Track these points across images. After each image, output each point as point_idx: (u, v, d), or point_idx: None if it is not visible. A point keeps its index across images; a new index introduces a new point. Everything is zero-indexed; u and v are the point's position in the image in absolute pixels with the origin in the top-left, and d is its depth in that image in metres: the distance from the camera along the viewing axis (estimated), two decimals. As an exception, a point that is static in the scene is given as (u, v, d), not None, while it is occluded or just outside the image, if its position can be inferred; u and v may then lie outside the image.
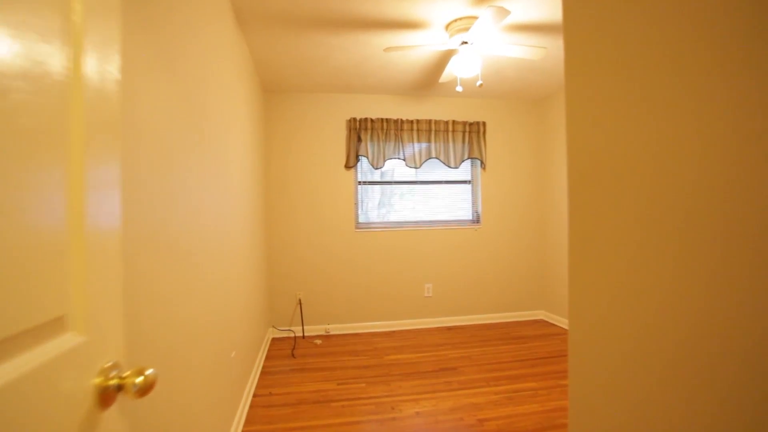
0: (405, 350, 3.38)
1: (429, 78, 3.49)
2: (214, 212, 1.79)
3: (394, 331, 3.94)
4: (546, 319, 4.23)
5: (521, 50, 2.53)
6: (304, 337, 3.79)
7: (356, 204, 4.00)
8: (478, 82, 2.45)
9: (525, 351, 3.30)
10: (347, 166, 3.91)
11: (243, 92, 2.61)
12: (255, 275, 2.99)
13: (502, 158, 4.23)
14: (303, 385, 2.71)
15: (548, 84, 3.73)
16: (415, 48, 2.46)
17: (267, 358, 3.26)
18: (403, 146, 3.96)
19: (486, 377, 2.80)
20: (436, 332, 3.88)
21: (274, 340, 3.74)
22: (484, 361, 3.09)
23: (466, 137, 4.09)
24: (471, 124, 4.08)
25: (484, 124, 4.12)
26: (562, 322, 3.97)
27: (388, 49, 2.44)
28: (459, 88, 2.54)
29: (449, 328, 4.00)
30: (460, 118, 4.13)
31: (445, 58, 3.02)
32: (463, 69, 2.49)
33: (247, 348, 2.56)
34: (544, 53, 2.54)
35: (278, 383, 2.76)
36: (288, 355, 3.32)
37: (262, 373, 2.94)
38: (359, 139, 3.89)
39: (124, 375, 0.60)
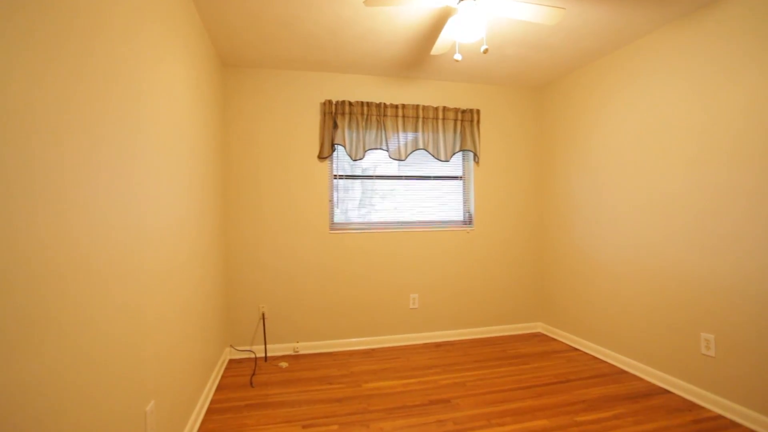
0: (387, 375, 2.85)
1: (418, 52, 2.97)
2: (121, 209, 1.22)
3: (374, 349, 3.40)
4: (545, 333, 3.78)
5: (534, 11, 2.04)
6: (266, 359, 3.19)
7: (331, 201, 3.44)
8: (483, 47, 1.94)
9: (528, 375, 2.82)
10: (321, 157, 3.34)
11: (180, 61, 2.01)
12: (204, 286, 2.40)
13: (498, 151, 3.76)
14: (259, 429, 2.14)
15: (553, 66, 3.27)
16: (404, 1, 1.93)
17: (219, 388, 2.67)
18: (386, 135, 3.42)
19: (486, 412, 2.30)
20: (424, 350, 3.37)
21: (231, 362, 3.14)
22: (482, 390, 2.59)
23: (458, 126, 3.59)
24: (464, 112, 3.59)
25: (478, 112, 3.63)
26: (563, 336, 3.52)
27: (369, 1, 1.90)
28: (458, 56, 2.02)
29: (438, 345, 3.49)
30: (451, 105, 3.63)
31: (438, 23, 2.50)
32: (464, 32, 1.98)
33: (183, 385, 1.96)
34: (562, 16, 2.05)
35: (227, 427, 2.17)
36: (245, 383, 2.74)
37: (208, 411, 2.35)
38: (335, 126, 3.33)
39: None
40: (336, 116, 3.33)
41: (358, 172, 3.52)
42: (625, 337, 2.87)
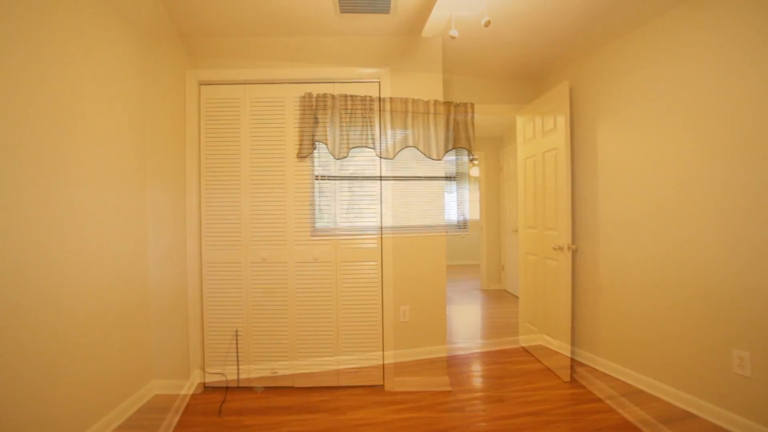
0: (376, 400, 2.52)
1: (408, 39, 2.69)
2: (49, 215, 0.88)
3: (360, 369, 3.06)
4: (546, 345, 3.48)
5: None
6: (239, 382, 2.83)
7: (312, 204, 3.11)
8: (485, 19, 1.66)
9: (536, 397, 2.52)
10: (300, 156, 3.02)
11: (126, 52, 1.69)
12: (168, 302, 2.05)
13: (494, 150, 3.47)
14: (222, 476, 1.79)
15: (551, 56, 3.02)
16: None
17: (182, 417, 2.30)
18: (372, 131, 3.11)
19: (491, 446, 1.98)
20: (416, 368, 3.04)
21: (199, 387, 2.77)
22: (485, 417, 2.28)
23: (451, 122, 3.30)
24: (457, 106, 3.31)
25: (472, 106, 3.35)
26: (567, 350, 3.23)
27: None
28: (454, 32, 1.75)
29: (432, 362, 3.16)
30: (443, 98, 3.35)
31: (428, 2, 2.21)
32: (462, 3, 1.69)
33: (129, 424, 1.61)
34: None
35: (184, 473, 1.82)
36: (214, 411, 2.38)
37: (165, 451, 1.99)
38: (316, 121, 3.01)
39: None
40: (317, 111, 3.01)
41: (344, 173, 3.20)
42: (639, 352, 2.59)
